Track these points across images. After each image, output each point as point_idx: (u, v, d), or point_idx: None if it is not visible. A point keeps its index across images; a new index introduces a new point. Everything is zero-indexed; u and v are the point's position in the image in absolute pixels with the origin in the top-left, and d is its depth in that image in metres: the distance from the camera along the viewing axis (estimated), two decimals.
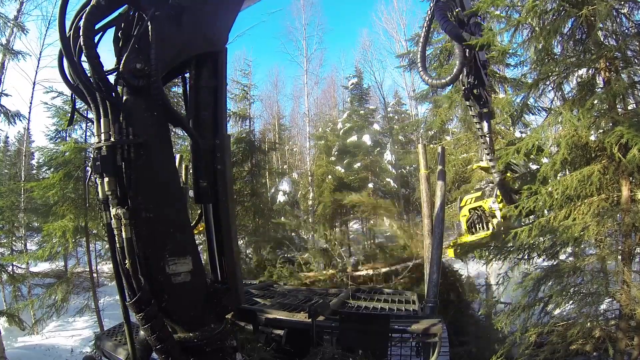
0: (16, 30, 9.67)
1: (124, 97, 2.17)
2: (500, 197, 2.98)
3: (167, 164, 2.29)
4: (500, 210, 3.22)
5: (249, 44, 52.78)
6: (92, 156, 2.15)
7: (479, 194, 3.82)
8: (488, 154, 3.02)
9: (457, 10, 3.04)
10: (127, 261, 2.02)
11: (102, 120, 2.08)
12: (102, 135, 2.08)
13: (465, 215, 3.63)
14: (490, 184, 3.59)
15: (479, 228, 3.62)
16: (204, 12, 2.53)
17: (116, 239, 2.05)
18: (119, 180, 2.08)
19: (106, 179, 2.03)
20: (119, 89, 2.21)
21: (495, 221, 3.34)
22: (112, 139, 2.07)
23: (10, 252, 10.38)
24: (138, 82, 2.12)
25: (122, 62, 2.10)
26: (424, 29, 3.06)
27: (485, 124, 3.00)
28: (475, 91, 2.98)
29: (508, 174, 3.14)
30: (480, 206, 3.52)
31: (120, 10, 2.29)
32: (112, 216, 2.04)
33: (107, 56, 2.26)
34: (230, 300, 2.57)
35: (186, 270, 2.22)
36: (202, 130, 2.57)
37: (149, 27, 2.16)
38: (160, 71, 2.19)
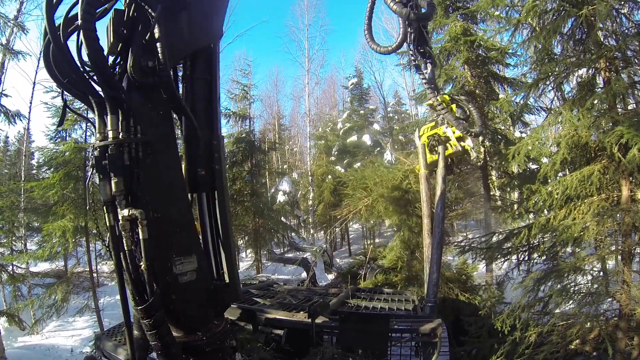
0: (16, 30, 9.66)
1: (131, 95, 2.10)
2: (451, 123, 3.77)
3: (172, 163, 2.26)
4: (454, 132, 3.90)
5: (249, 44, 52.99)
6: (94, 155, 2.01)
7: (433, 124, 4.51)
8: (434, 95, 3.55)
9: None
10: (142, 264, 1.94)
11: (108, 118, 1.99)
12: (110, 133, 1.98)
13: (425, 142, 4.34)
14: (441, 116, 4.17)
15: (437, 150, 4.29)
16: (203, 5, 2.53)
17: (124, 241, 1.95)
18: (127, 180, 1.99)
19: (114, 179, 1.94)
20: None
21: (451, 142, 4.02)
22: (119, 138, 1.98)
23: (10, 252, 10.37)
24: (149, 80, 2.08)
25: (132, 59, 2.03)
26: (369, 2, 3.44)
27: (429, 71, 3.44)
28: (420, 49, 3.41)
29: (453, 106, 3.92)
30: (436, 133, 4.16)
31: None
32: (120, 218, 1.95)
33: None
34: (229, 296, 2.57)
35: (192, 269, 2.19)
36: (198, 122, 2.55)
37: (156, 23, 2.09)
38: (171, 66, 2.17)
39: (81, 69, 2.03)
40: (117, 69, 2.18)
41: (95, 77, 2.03)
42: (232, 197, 12.37)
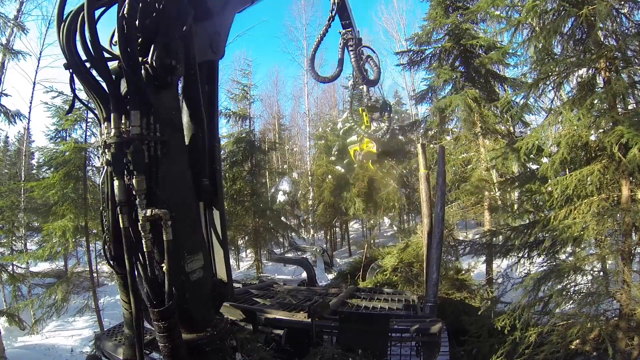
0: (16, 30, 9.66)
1: (150, 92, 2.04)
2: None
3: (183, 161, 2.27)
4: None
5: (249, 44, 53.03)
6: (112, 152, 1.91)
7: (356, 136, 5.53)
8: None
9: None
10: (164, 265, 1.90)
11: (132, 114, 1.90)
12: (134, 129, 1.89)
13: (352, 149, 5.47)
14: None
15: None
16: (214, 21, 2.62)
17: (144, 242, 1.89)
18: (147, 179, 1.92)
19: (137, 178, 1.87)
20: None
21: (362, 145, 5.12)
22: (142, 134, 1.93)
23: (10, 252, 10.35)
24: (169, 78, 2.06)
25: (154, 56, 1.99)
26: (319, 36, 4.24)
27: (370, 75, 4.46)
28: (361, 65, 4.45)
29: (365, 116, 5.08)
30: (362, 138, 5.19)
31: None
32: (140, 218, 1.89)
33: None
34: (226, 292, 2.62)
35: (200, 266, 2.21)
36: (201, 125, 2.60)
37: (189, 22, 2.11)
38: (184, 72, 2.19)
39: (106, 55, 1.97)
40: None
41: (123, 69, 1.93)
42: (232, 197, 12.39)
